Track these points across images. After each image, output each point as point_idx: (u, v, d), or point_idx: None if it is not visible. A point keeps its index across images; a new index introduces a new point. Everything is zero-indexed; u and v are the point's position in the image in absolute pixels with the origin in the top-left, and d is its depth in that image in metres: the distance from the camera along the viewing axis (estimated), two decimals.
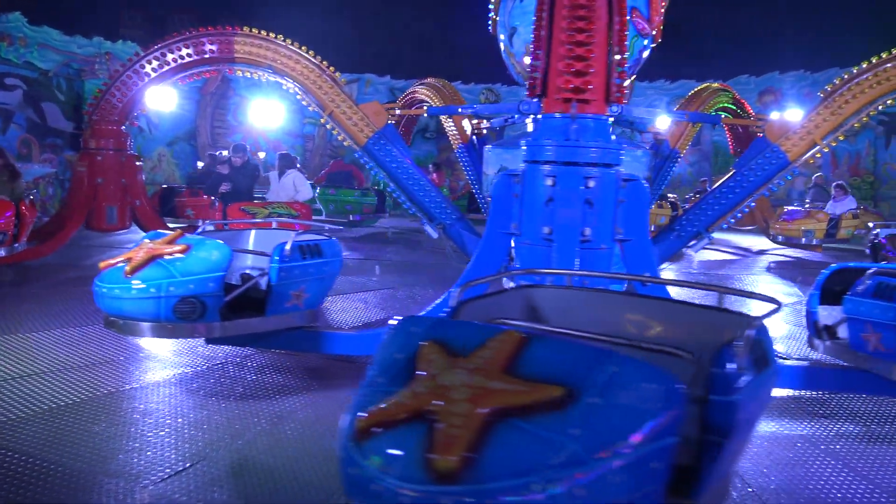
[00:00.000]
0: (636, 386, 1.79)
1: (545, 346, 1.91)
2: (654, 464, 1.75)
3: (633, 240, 4.23)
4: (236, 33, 9.86)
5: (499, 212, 4.32)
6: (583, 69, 4.11)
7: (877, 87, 7.71)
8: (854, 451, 3.82)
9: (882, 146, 18.75)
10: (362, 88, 21.43)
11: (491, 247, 4.36)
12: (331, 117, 10.05)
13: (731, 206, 8.32)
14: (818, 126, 7.93)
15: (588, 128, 4.15)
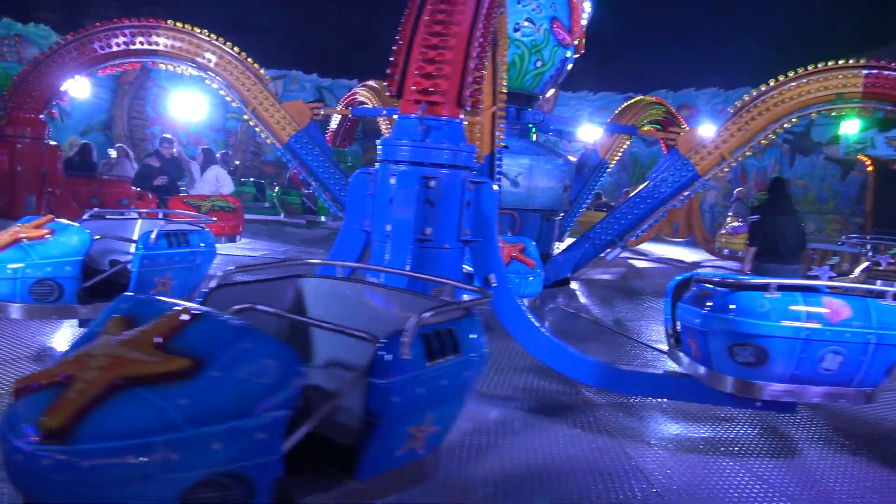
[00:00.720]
0: (258, 362, 1.95)
1: (202, 322, 2.04)
2: (260, 435, 1.89)
3: (480, 241, 4.34)
4: (159, 26, 9.61)
5: (353, 208, 4.41)
6: (433, 72, 4.22)
7: (781, 106, 8.16)
8: (752, 454, 4.02)
9: (787, 163, 19.80)
10: (288, 85, 21.12)
11: (346, 242, 4.43)
12: (253, 114, 9.93)
13: (643, 216, 8.66)
14: (726, 141, 8.34)
15: (436, 129, 4.25)
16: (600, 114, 20.92)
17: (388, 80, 4.41)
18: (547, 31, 8.90)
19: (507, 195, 8.50)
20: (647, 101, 12.20)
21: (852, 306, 3.67)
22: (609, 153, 11.32)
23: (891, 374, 3.83)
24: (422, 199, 4.15)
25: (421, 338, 2.31)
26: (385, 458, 2.34)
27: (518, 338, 4.51)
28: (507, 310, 4.47)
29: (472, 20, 4.41)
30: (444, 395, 2.44)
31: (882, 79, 7.78)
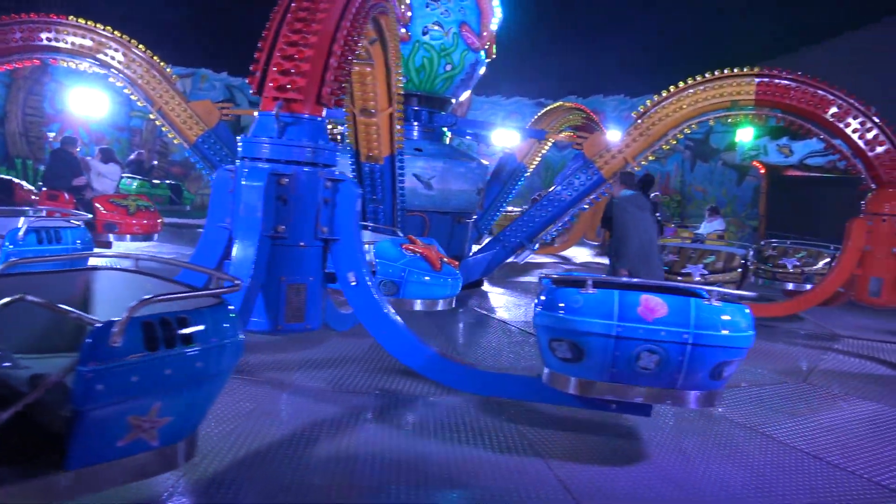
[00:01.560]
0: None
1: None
2: None
3: (340, 239, 4.40)
4: (61, 22, 9.19)
5: (216, 206, 4.39)
6: (291, 69, 4.26)
7: (679, 112, 8.55)
8: (664, 454, 4.16)
9: (688, 169, 20.74)
10: (197, 84, 20.54)
11: (209, 240, 4.40)
12: (160, 113, 9.64)
13: (552, 218, 8.90)
14: (629, 146, 8.67)
15: (293, 127, 4.28)
16: (513, 118, 21.34)
17: (249, 78, 4.39)
18: (456, 34, 9.02)
19: (421, 197, 8.57)
20: (567, 106, 12.51)
21: (670, 305, 3.63)
22: (527, 157, 11.55)
23: (720, 376, 3.72)
24: (272, 196, 4.16)
25: (140, 326, 2.27)
26: (101, 449, 2.28)
27: (377, 337, 4.52)
28: (365, 309, 4.48)
29: (339, 19, 4.44)
30: (173, 385, 2.37)
31: (773, 87, 8.27)
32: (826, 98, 8.16)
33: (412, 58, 8.99)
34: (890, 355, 7.29)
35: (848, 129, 8.13)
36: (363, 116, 6.98)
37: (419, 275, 5.84)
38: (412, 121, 9.30)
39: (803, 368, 6.53)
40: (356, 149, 7.31)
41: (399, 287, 5.72)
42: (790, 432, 4.65)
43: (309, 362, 5.49)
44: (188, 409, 2.50)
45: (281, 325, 4.34)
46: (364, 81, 6.68)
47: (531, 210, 9.31)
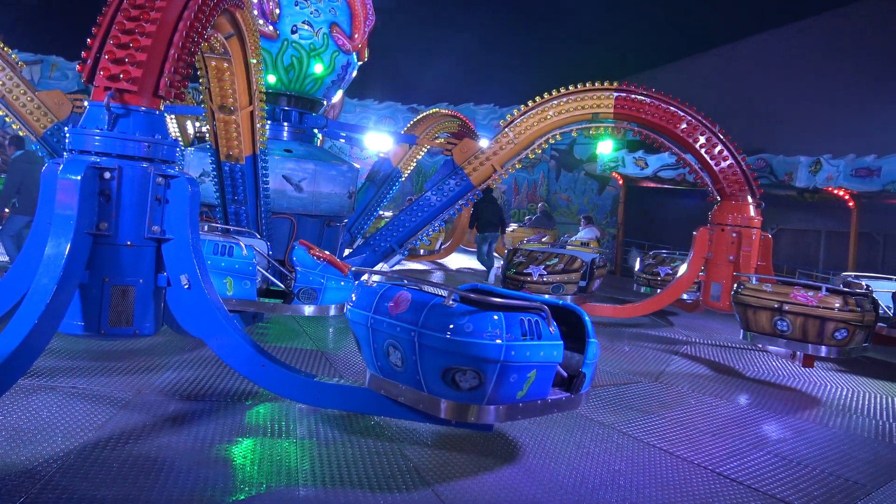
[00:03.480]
0: None
1: None
2: None
3: (173, 239, 4.23)
4: None
5: (45, 202, 4.11)
6: (125, 58, 4.09)
7: (544, 122, 8.86)
8: (529, 454, 4.25)
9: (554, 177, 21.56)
10: (47, 72, 19.07)
11: (37, 237, 4.10)
12: (3, 103, 8.87)
13: (422, 224, 8.96)
14: (496, 153, 8.88)
15: (125, 119, 4.11)
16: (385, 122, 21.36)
17: (80, 66, 4.15)
18: (326, 35, 8.90)
19: (292, 200, 8.37)
20: (443, 113, 12.61)
21: (413, 301, 3.53)
22: (402, 162, 11.55)
23: (449, 382, 3.47)
24: (93, 192, 3.94)
25: None
26: None
27: (209, 342, 4.30)
28: (198, 315, 4.23)
29: (181, 9, 4.28)
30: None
31: (630, 101, 8.75)
32: (677, 114, 8.73)
33: (280, 56, 8.77)
34: (734, 356, 7.88)
35: (696, 144, 8.74)
36: (222, 114, 6.73)
37: (336, 281, 5.80)
38: (282, 121, 9.07)
39: (655, 369, 6.93)
40: (215, 147, 7.04)
41: (318, 294, 5.65)
42: (643, 429, 4.90)
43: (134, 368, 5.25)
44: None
45: (104, 330, 4.07)
46: (222, 77, 6.46)
47: (401, 215, 9.33)
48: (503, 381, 3.44)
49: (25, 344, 3.48)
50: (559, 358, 3.62)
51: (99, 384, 4.78)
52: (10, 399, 4.00)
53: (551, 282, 8.72)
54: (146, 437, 3.96)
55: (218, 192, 7.30)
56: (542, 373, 3.59)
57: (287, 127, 9.12)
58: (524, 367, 3.47)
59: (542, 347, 3.50)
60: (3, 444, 3.63)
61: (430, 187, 9.18)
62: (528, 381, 3.54)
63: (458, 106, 21.82)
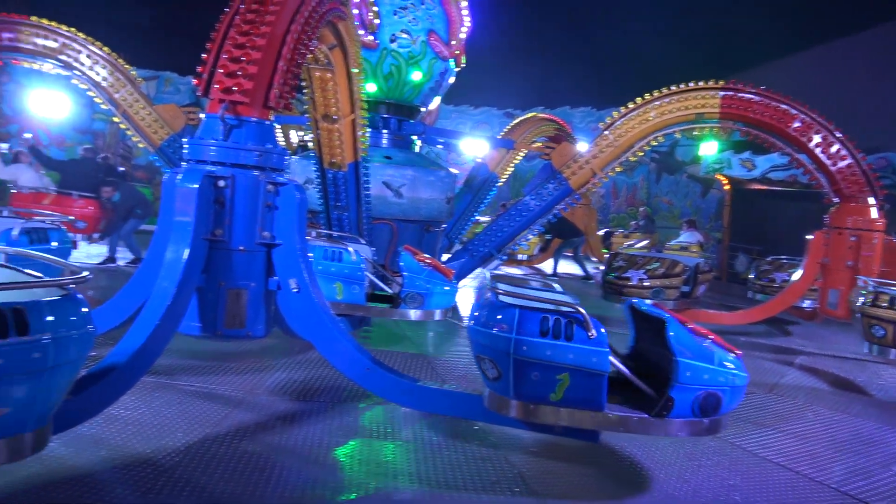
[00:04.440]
0: None
1: None
2: None
3: (282, 244, 4.31)
4: (23, 22, 8.96)
5: (166, 209, 4.27)
6: (237, 71, 4.22)
7: (645, 124, 8.63)
8: (640, 467, 4.17)
9: (654, 180, 21.00)
10: (161, 87, 20.22)
11: (160, 243, 4.26)
12: (124, 116, 9.46)
13: (520, 228, 8.90)
14: (596, 157, 8.71)
15: (238, 129, 4.23)
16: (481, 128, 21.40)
17: (196, 80, 4.33)
18: (424, 43, 9.00)
19: (392, 206, 8.51)
20: (540, 117, 12.51)
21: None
22: (499, 167, 11.53)
23: (480, 370, 3.67)
24: (209, 199, 4.09)
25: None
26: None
27: (317, 345, 4.40)
28: (306, 318, 4.33)
29: (289, 22, 4.40)
30: (7, 376, 2.37)
31: (737, 101, 8.39)
32: (789, 112, 8.31)
33: (380, 65, 8.94)
34: (856, 369, 7.41)
35: (811, 144, 8.28)
36: (325, 122, 6.91)
37: (441, 286, 5.87)
38: (381, 128, 9.24)
39: (769, 380, 6.60)
40: (319, 155, 7.23)
41: (424, 298, 5.74)
42: (758, 442, 4.67)
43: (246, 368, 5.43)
44: (29, 401, 2.47)
45: (220, 331, 4.23)
46: (325, 87, 6.62)
47: (499, 220, 9.31)
48: (522, 376, 3.42)
49: (148, 344, 3.67)
50: (600, 366, 3.40)
51: (214, 383, 4.99)
52: (134, 395, 4.23)
53: (651, 286, 8.49)
54: (259, 435, 4.11)
55: (322, 199, 7.50)
56: (581, 379, 3.40)
57: (386, 134, 9.28)
58: (548, 366, 3.38)
59: (571, 350, 3.36)
60: (129, 437, 3.84)
61: (528, 192, 9.12)
62: (562, 385, 3.41)
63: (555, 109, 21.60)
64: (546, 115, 12.80)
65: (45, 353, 2.43)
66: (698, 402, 3.44)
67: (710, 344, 3.48)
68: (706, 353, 3.45)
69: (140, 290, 4.27)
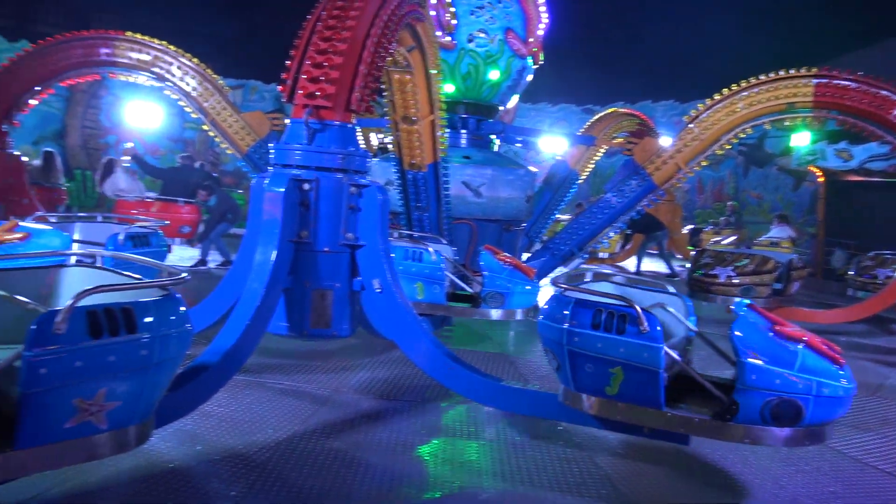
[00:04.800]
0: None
1: None
2: None
3: (366, 245, 4.36)
4: (118, 37, 9.48)
5: (253, 212, 4.40)
6: (320, 76, 4.27)
7: (733, 116, 8.32)
8: (734, 470, 4.04)
9: (742, 174, 20.25)
10: (247, 95, 20.90)
11: (249, 246, 4.38)
12: (213, 124, 9.83)
13: (602, 226, 8.75)
14: (681, 151, 8.46)
15: (322, 133, 4.30)
16: (560, 125, 21.16)
17: (281, 86, 4.43)
18: (501, 41, 8.97)
19: (471, 205, 8.52)
20: (620, 112, 12.26)
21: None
22: (579, 164, 11.38)
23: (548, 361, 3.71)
24: (294, 202, 4.18)
25: (85, 315, 2.39)
26: (49, 430, 2.40)
27: (401, 345, 4.45)
28: (390, 318, 4.39)
29: (368, 26, 4.45)
30: (119, 371, 2.49)
31: (832, 88, 7.97)
32: (890, 98, 7.84)
33: (458, 65, 8.96)
34: None
35: None
36: (405, 124, 6.97)
37: (522, 285, 5.86)
38: (459, 128, 9.26)
39: (872, 381, 6.25)
40: (399, 157, 7.31)
41: (506, 298, 5.75)
42: (862, 448, 4.43)
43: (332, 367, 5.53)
44: (136, 395, 2.61)
45: (306, 331, 4.35)
46: (404, 89, 6.68)
47: (580, 217, 9.18)
48: (577, 367, 3.45)
49: (240, 343, 3.80)
50: (652, 362, 3.27)
51: (302, 381, 5.12)
52: (227, 393, 4.38)
53: (740, 284, 8.17)
54: (345, 432, 4.18)
55: (402, 200, 7.58)
56: (635, 374, 3.31)
57: (465, 134, 9.30)
58: (600, 359, 3.36)
59: (622, 344, 3.30)
60: (222, 433, 3.98)
61: (609, 189, 8.96)
62: (616, 379, 3.37)
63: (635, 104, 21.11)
64: (627, 110, 12.52)
65: (151, 349, 2.58)
66: (769, 409, 3.17)
67: (800, 348, 3.19)
68: (783, 356, 3.17)
69: (231, 291, 4.43)
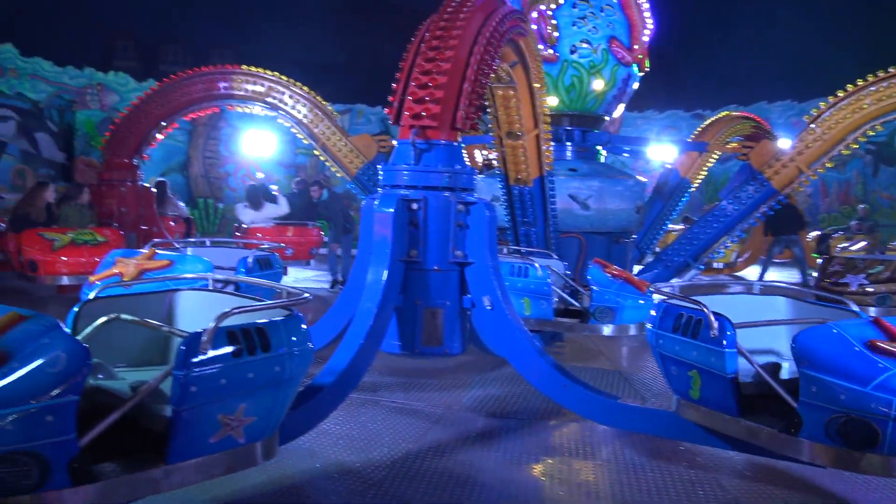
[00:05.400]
0: (51, 354, 2.21)
1: (29, 323, 2.32)
2: (50, 417, 2.17)
3: (475, 262, 4.33)
4: (235, 71, 10.05)
5: (365, 233, 4.51)
6: (425, 97, 4.32)
7: (859, 113, 7.80)
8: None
9: (870, 175, 18.94)
10: (354, 119, 21.55)
11: (361, 266, 4.47)
12: (323, 149, 10.21)
13: (718, 235, 8.40)
14: (802, 153, 8.02)
15: (428, 153, 4.34)
16: (668, 132, 20.55)
17: (388, 108, 4.54)
18: (605, 50, 8.83)
19: (578, 218, 8.41)
20: (733, 115, 11.79)
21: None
22: (690, 172, 11.00)
23: None
24: (403, 222, 4.23)
25: (227, 335, 2.54)
26: (196, 445, 2.53)
27: (512, 362, 4.41)
28: (501, 335, 4.36)
29: (471, 45, 4.49)
30: (256, 388, 2.64)
31: None
32: None
33: (561, 78, 8.89)
34: None
35: None
36: (509, 139, 6.97)
37: (634, 299, 5.73)
38: (565, 141, 9.17)
39: None
40: (505, 172, 7.30)
41: (616, 313, 5.65)
42: None
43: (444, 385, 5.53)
44: (269, 410, 2.77)
45: (418, 349, 4.40)
46: (508, 105, 6.68)
47: (694, 227, 8.85)
48: (665, 369, 3.53)
49: (355, 362, 3.88)
50: (720, 367, 3.11)
51: (415, 399, 5.16)
52: (343, 411, 4.47)
53: (875, 292, 7.61)
54: (458, 450, 4.17)
55: (508, 216, 7.56)
56: (709, 379, 3.22)
57: (570, 146, 9.20)
58: (679, 362, 3.38)
59: (695, 347, 3.25)
60: (339, 451, 4.06)
61: (725, 196, 8.61)
62: (695, 383, 3.32)
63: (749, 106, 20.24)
64: (741, 113, 12.02)
65: (283, 366, 2.72)
66: (834, 427, 2.82)
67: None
68: (859, 371, 2.76)
69: (345, 310, 4.54)
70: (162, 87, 10.22)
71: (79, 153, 18.80)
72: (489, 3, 4.99)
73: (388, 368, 5.68)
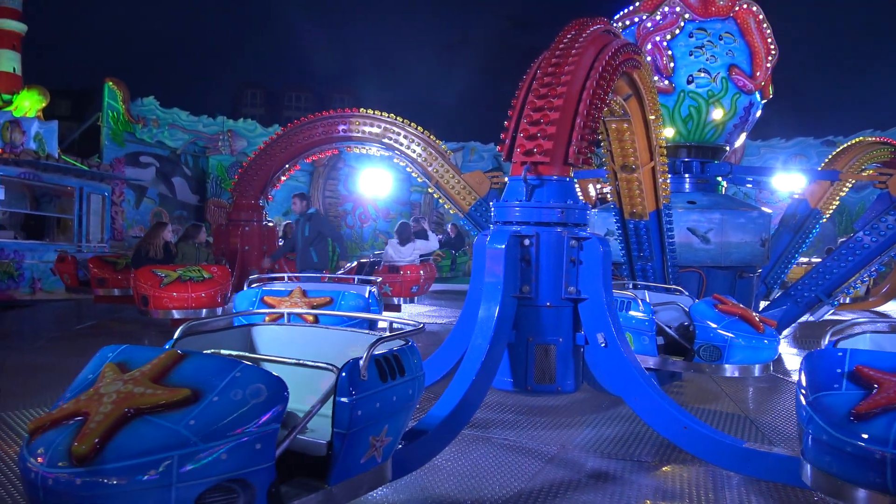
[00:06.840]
0: (250, 386, 2.35)
1: (193, 360, 2.47)
2: (258, 445, 2.30)
3: (588, 298, 4.25)
4: (353, 114, 10.49)
5: (476, 268, 4.52)
6: (537, 133, 4.30)
7: None
8: None
9: None
10: (467, 156, 21.87)
11: (473, 302, 4.46)
12: (437, 186, 10.41)
13: (854, 269, 7.85)
14: None
15: (540, 189, 4.34)
16: (796, 161, 19.57)
17: (500, 146, 4.56)
18: (724, 79, 8.55)
19: (698, 252, 8.10)
20: (870, 141, 11.04)
21: None
22: (821, 202, 10.38)
23: None
24: (515, 258, 4.23)
25: (374, 362, 2.75)
26: (352, 466, 2.73)
27: (628, 401, 4.26)
28: (617, 373, 4.23)
29: (584, 80, 4.46)
30: (395, 409, 2.86)
31: None
32: None
33: (678, 108, 8.68)
34: None
35: None
36: (624, 173, 6.84)
37: (746, 338, 5.45)
38: (682, 173, 8.90)
39: None
40: (619, 206, 7.16)
41: (722, 352, 5.40)
42: None
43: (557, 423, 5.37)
44: (399, 430, 2.97)
45: (530, 386, 4.36)
46: (622, 138, 6.58)
47: (827, 261, 8.31)
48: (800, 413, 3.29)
49: (467, 398, 3.87)
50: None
51: (527, 437, 5.07)
52: (455, 447, 4.46)
53: None
54: (572, 492, 4.05)
55: (623, 250, 7.39)
56: None
57: (689, 178, 8.92)
58: None
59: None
60: (451, 488, 4.04)
61: (860, 227, 8.05)
62: None
63: (887, 130, 18.96)
64: (878, 139, 11.23)
65: (413, 389, 2.98)
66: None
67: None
68: None
69: (457, 346, 4.56)
70: (286, 132, 10.79)
71: (210, 195, 20.16)
72: (601, 37, 4.97)
73: (500, 405, 5.63)
